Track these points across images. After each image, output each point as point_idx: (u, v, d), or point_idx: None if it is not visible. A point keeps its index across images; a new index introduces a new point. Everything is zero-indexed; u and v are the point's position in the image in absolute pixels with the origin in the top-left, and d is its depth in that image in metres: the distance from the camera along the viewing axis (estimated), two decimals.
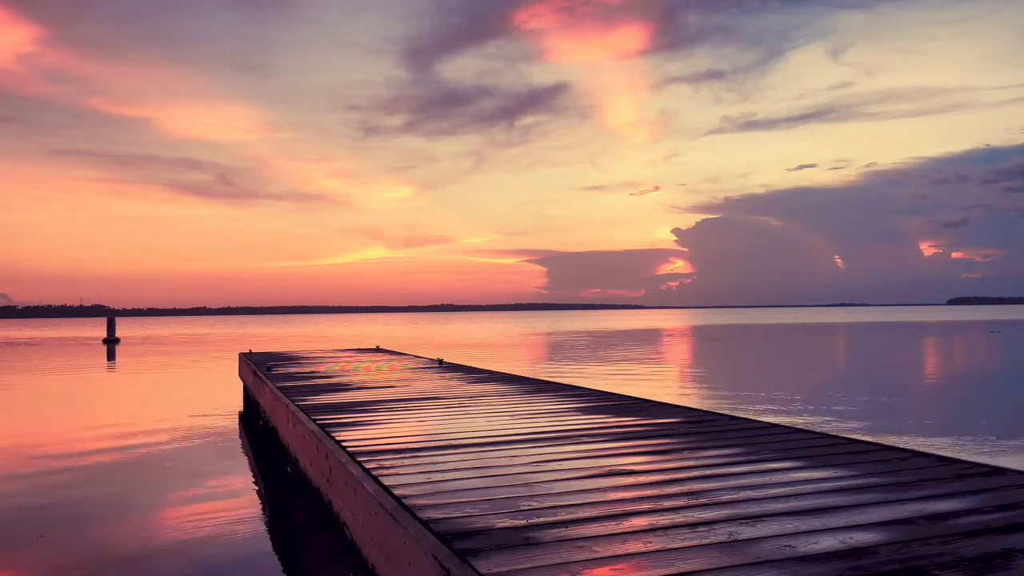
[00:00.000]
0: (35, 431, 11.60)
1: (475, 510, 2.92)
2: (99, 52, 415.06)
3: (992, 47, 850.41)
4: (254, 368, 10.24)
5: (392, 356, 13.22)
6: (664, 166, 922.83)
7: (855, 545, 2.41)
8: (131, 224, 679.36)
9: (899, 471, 3.52)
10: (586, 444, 4.37)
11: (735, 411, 10.49)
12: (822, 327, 57.98)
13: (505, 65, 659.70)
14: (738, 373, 20.78)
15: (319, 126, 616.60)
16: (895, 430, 10.00)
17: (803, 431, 4.70)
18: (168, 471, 8.28)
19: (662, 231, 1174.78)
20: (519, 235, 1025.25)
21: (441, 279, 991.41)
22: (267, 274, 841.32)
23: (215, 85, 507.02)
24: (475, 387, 7.69)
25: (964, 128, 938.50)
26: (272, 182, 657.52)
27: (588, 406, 6.07)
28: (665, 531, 2.61)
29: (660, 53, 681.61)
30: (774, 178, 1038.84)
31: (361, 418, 5.57)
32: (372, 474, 3.61)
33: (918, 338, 38.80)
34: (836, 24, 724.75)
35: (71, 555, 5.39)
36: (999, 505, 2.88)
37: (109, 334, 41.40)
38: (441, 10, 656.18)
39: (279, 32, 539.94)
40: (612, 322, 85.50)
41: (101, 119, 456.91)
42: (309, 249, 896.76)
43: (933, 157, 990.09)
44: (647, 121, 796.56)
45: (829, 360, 26.10)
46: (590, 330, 56.13)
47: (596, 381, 15.70)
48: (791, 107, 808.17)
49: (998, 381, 17.96)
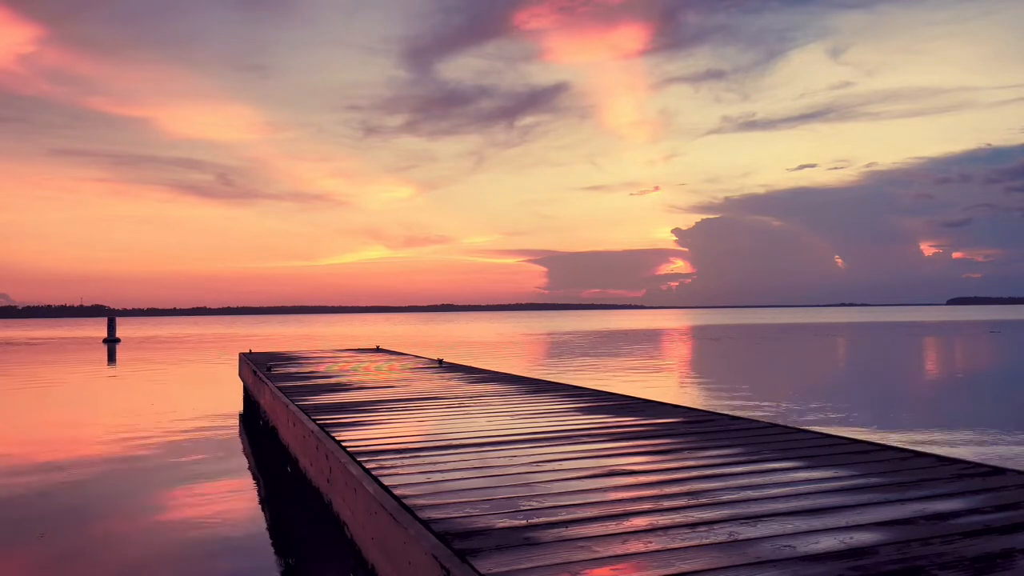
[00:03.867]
0: (35, 431, 11.60)
1: (475, 510, 2.92)
2: (99, 52, 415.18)
3: (992, 47, 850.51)
4: (254, 368, 10.24)
5: (392, 356, 13.22)
6: (664, 166, 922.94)
7: (855, 545, 2.41)
8: (131, 224, 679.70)
9: (899, 471, 3.52)
10: (586, 444, 4.37)
11: (735, 411, 10.48)
12: (822, 327, 57.97)
13: (505, 65, 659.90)
14: (738, 373, 20.78)
15: (319, 126, 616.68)
16: (895, 430, 9.99)
17: (803, 431, 4.70)
18: (168, 471, 8.28)
19: (662, 231, 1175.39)
20: (519, 235, 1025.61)
21: (441, 279, 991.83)
22: (267, 274, 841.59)
23: (215, 85, 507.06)
24: (475, 387, 7.69)
25: (965, 128, 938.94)
26: (272, 182, 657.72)
27: (588, 406, 6.07)
28: (665, 531, 2.61)
29: (660, 53, 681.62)
30: (774, 178, 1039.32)
31: (361, 418, 5.57)
32: (372, 474, 3.61)
33: (918, 338, 38.79)
34: (836, 24, 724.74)
35: (71, 555, 5.39)
36: (999, 505, 2.88)
37: (109, 334, 41.40)
38: (441, 10, 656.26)
39: (279, 32, 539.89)
40: (612, 322, 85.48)
41: (101, 119, 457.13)
42: (309, 249, 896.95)
43: (933, 157, 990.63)
44: (647, 121, 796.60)
45: (829, 360, 26.09)
46: (590, 330, 56.12)
47: (596, 381, 15.70)
48: (791, 107, 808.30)
49: (998, 381, 17.96)
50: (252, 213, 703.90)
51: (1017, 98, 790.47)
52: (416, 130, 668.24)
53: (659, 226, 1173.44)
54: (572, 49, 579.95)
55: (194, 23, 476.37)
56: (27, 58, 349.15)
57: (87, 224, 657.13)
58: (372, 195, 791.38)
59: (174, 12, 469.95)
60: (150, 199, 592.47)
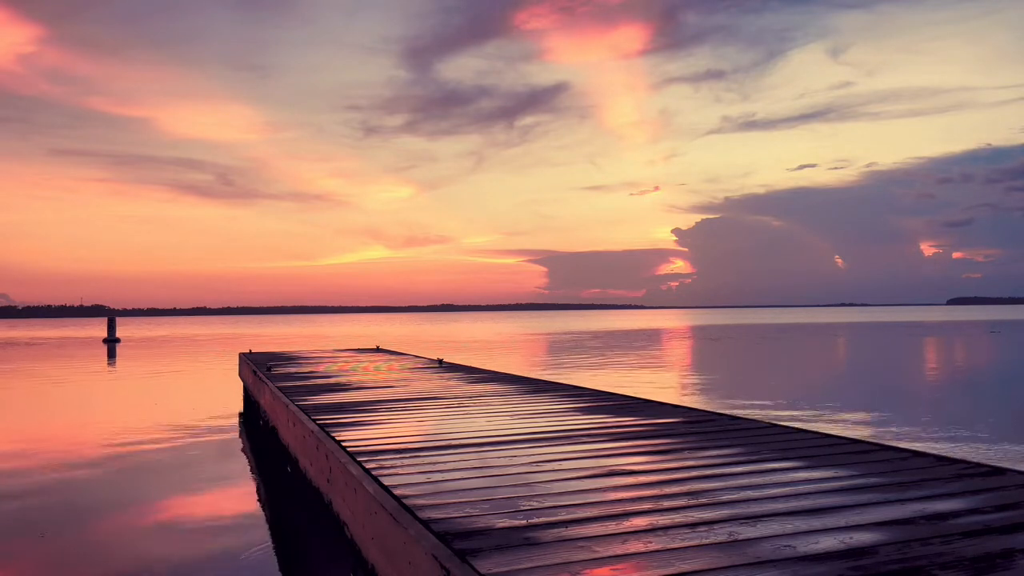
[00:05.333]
0: (36, 431, 11.59)
1: (475, 510, 2.92)
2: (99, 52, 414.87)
3: (992, 47, 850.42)
4: (254, 368, 10.24)
5: (392, 356, 13.22)
6: (664, 166, 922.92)
7: (855, 545, 2.41)
8: (131, 224, 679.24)
9: (899, 471, 3.52)
10: (586, 444, 4.37)
11: (735, 411, 10.48)
12: (822, 327, 57.96)
13: (505, 65, 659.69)
14: (738, 373, 20.78)
15: (319, 126, 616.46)
16: (895, 430, 10.00)
17: (803, 431, 4.70)
18: (168, 471, 8.28)
19: (662, 231, 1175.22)
20: (519, 235, 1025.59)
21: (441, 279, 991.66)
22: (267, 274, 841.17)
23: (215, 85, 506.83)
24: (475, 387, 7.69)
25: (965, 128, 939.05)
26: (272, 182, 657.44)
27: (588, 406, 6.06)
28: (665, 531, 2.61)
29: (660, 53, 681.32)
30: (774, 178, 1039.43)
31: (361, 418, 5.57)
32: (372, 474, 3.61)
33: (917, 338, 38.79)
34: (836, 24, 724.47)
35: (72, 555, 5.39)
36: (999, 505, 2.88)
37: (109, 334, 41.40)
38: (441, 10, 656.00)
39: (279, 32, 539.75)
40: (612, 322, 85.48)
41: (101, 119, 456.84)
42: (309, 249, 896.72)
43: (934, 157, 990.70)
44: (647, 121, 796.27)
45: (829, 360, 26.09)
46: (590, 330, 56.11)
47: (596, 381, 15.70)
48: (791, 107, 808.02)
49: (997, 381, 17.96)
50: (252, 213, 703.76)
51: (1017, 98, 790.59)
52: (416, 130, 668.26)
53: (659, 226, 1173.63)
54: (572, 49, 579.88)
55: (194, 23, 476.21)
56: (27, 58, 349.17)
57: (87, 224, 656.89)
58: (372, 195, 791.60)
59: (174, 12, 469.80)
60: (150, 199, 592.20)
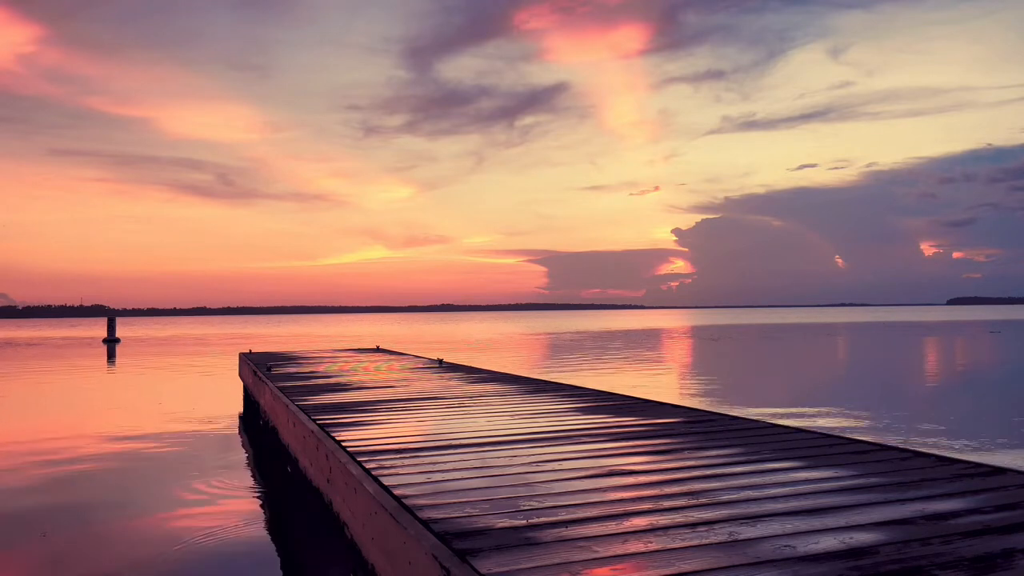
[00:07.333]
0: (36, 431, 11.59)
1: (475, 510, 2.92)
2: (99, 52, 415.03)
3: (992, 47, 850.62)
4: (254, 368, 10.24)
5: (392, 356, 13.22)
6: (664, 166, 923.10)
7: (855, 545, 2.41)
8: (131, 224, 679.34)
9: (899, 471, 3.52)
10: (586, 444, 4.37)
11: (735, 411, 10.48)
12: (822, 327, 57.95)
13: (505, 65, 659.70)
14: (738, 373, 20.78)
15: (319, 126, 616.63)
16: (895, 430, 9.99)
17: (803, 431, 4.70)
18: (168, 471, 8.28)
19: (662, 231, 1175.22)
20: (519, 235, 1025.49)
21: (441, 279, 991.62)
22: (267, 274, 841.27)
23: (215, 85, 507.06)
24: (475, 387, 7.69)
25: (965, 128, 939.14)
26: (272, 182, 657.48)
27: (588, 406, 6.06)
28: (665, 531, 2.61)
29: (660, 53, 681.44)
30: (774, 178, 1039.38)
31: (361, 418, 5.57)
32: (372, 474, 3.61)
33: (918, 338, 38.78)
34: (836, 24, 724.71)
35: (72, 555, 5.39)
36: (999, 505, 2.88)
37: (109, 334, 41.38)
38: (441, 10, 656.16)
39: (279, 32, 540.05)
40: (612, 322, 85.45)
41: (101, 119, 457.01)
42: (309, 249, 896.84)
43: (934, 157, 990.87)
44: (647, 121, 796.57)
45: (829, 360, 26.09)
46: (590, 330, 56.10)
47: (596, 381, 15.69)
48: (791, 107, 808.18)
49: (997, 381, 17.95)
50: (252, 213, 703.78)
51: (1018, 98, 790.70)
52: (416, 130, 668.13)
53: (659, 226, 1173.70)
54: (572, 49, 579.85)
55: (194, 23, 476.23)
56: (27, 58, 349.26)
57: (87, 224, 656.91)
58: (372, 195, 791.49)
59: (174, 12, 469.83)
60: (150, 199, 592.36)
